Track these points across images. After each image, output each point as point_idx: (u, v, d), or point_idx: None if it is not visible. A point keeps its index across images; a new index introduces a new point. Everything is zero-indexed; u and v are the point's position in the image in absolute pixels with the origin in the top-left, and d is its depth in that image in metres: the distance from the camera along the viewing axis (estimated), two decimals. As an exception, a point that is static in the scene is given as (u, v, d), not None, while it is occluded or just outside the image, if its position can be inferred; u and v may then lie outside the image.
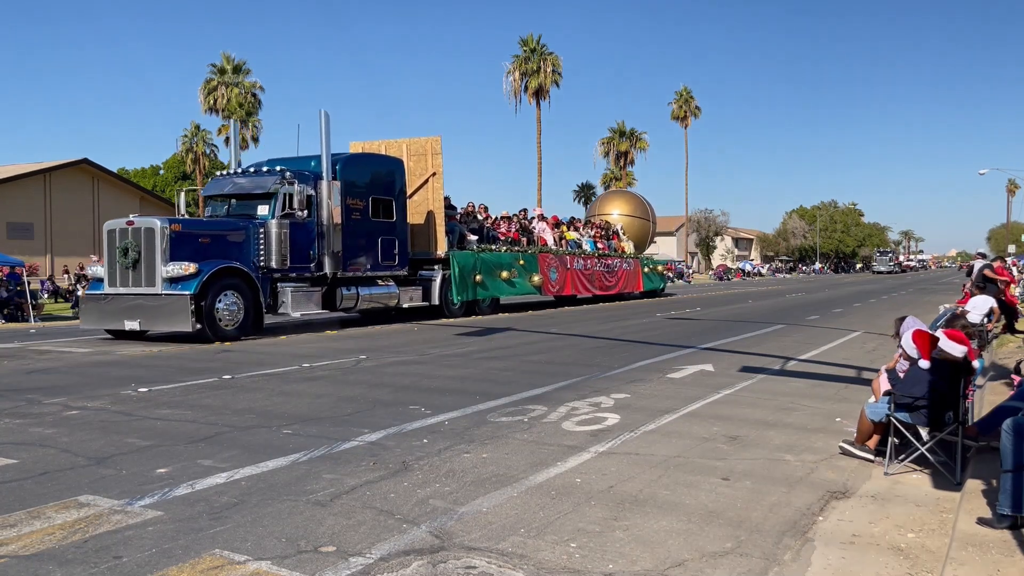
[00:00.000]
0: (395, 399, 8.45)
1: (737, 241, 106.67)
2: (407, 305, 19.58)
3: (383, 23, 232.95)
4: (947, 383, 5.55)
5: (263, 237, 15.86)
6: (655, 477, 5.45)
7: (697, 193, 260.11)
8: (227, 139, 21.10)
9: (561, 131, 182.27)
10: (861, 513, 4.77)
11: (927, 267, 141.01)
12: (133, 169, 73.15)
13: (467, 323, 19.04)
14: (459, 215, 22.66)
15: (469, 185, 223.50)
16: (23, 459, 5.92)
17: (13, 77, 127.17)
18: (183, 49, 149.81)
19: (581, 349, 13.31)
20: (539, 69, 56.62)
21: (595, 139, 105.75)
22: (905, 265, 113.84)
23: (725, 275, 70.01)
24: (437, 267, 20.40)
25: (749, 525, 4.50)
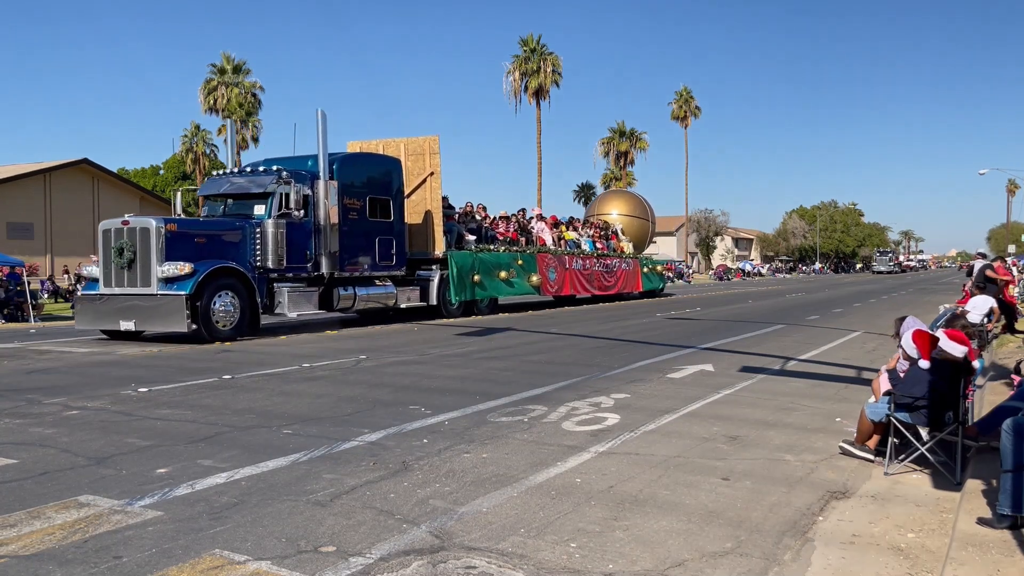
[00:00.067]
0: (395, 399, 8.45)
1: (737, 241, 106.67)
2: (405, 305, 19.54)
3: (383, 23, 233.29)
4: (947, 383, 5.55)
5: (259, 237, 15.80)
6: (655, 477, 5.45)
7: (697, 193, 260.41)
8: (227, 139, 21.07)
9: (561, 131, 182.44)
10: (861, 513, 4.77)
11: (927, 267, 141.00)
12: (133, 169, 73.09)
13: (467, 323, 19.03)
14: (457, 215, 22.62)
15: (469, 185, 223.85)
16: (23, 459, 5.92)
17: (13, 77, 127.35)
18: (183, 49, 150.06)
19: (581, 349, 13.31)
20: (539, 69, 56.66)
21: (595, 139, 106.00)
22: (905, 265, 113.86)
23: (725, 275, 70.04)
24: (435, 267, 20.35)
25: (749, 525, 4.50)
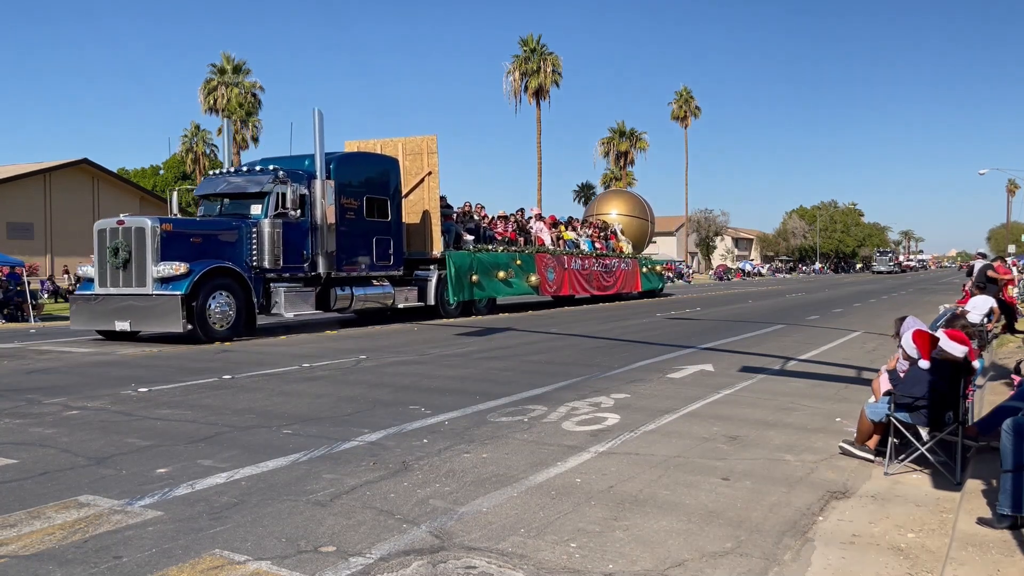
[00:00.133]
0: (395, 399, 8.45)
1: (737, 241, 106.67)
2: (402, 305, 19.51)
3: (383, 23, 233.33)
4: (947, 383, 5.55)
5: (256, 237, 15.74)
6: (655, 477, 5.45)
7: (697, 193, 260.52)
8: (224, 138, 21.05)
9: (561, 131, 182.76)
10: (861, 513, 4.77)
11: (927, 267, 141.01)
12: (133, 169, 73.07)
13: (467, 323, 19.03)
14: (455, 215, 22.57)
15: (469, 185, 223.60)
16: (23, 459, 5.92)
17: (13, 77, 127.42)
18: (183, 49, 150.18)
19: (581, 349, 13.31)
20: (539, 69, 56.68)
21: (595, 139, 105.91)
22: (905, 265, 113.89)
23: (725, 275, 70.05)
24: (433, 267, 20.30)
25: (749, 525, 4.50)
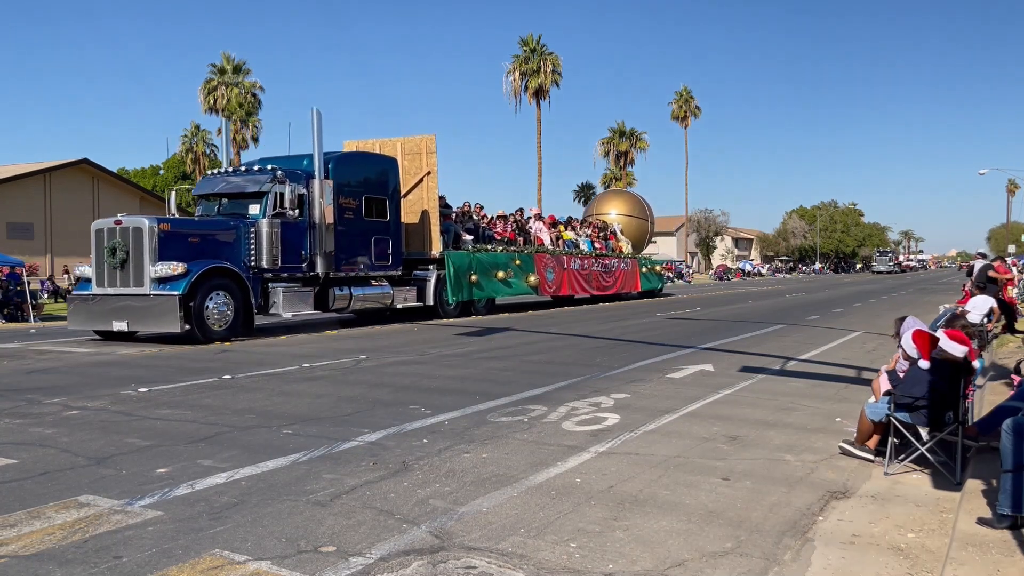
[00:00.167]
0: (395, 399, 8.45)
1: (737, 241, 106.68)
2: (401, 306, 19.50)
3: (383, 23, 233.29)
4: (947, 383, 5.55)
5: (254, 237, 15.72)
6: (655, 477, 5.45)
7: (697, 193, 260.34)
8: (223, 138, 21.04)
9: (561, 131, 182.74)
10: (861, 513, 4.77)
11: (927, 267, 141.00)
12: (133, 169, 73.07)
13: (467, 323, 19.03)
14: (454, 215, 22.56)
15: (469, 185, 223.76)
16: (23, 459, 5.92)
17: (13, 77, 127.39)
18: (183, 49, 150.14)
19: (581, 349, 13.31)
20: (539, 69, 56.69)
21: (595, 139, 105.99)
22: (905, 265, 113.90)
23: (725, 275, 70.04)
24: (432, 267, 20.28)
25: (749, 525, 4.50)
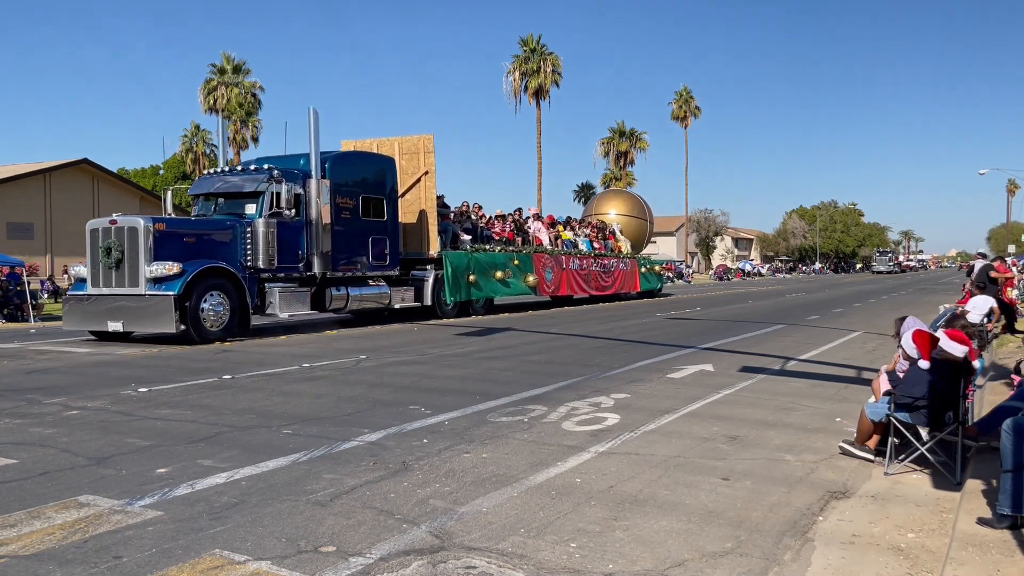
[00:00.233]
0: (395, 399, 8.45)
1: (737, 241, 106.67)
2: (399, 306, 19.47)
3: (383, 23, 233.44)
4: (947, 383, 5.55)
5: (250, 236, 15.66)
6: (655, 477, 5.45)
7: (697, 193, 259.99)
8: (229, 138, 21.04)
9: (561, 131, 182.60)
10: (861, 513, 4.77)
11: (927, 267, 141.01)
12: (133, 169, 73.15)
13: (466, 323, 19.03)
14: (453, 214, 22.53)
15: (468, 185, 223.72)
16: (23, 459, 5.92)
17: (13, 77, 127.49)
18: (183, 49, 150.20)
19: (581, 349, 13.31)
20: (539, 69, 56.68)
21: (595, 139, 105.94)
22: (905, 265, 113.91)
23: (725, 275, 70.04)
24: (430, 267, 20.25)
25: (749, 525, 4.50)
